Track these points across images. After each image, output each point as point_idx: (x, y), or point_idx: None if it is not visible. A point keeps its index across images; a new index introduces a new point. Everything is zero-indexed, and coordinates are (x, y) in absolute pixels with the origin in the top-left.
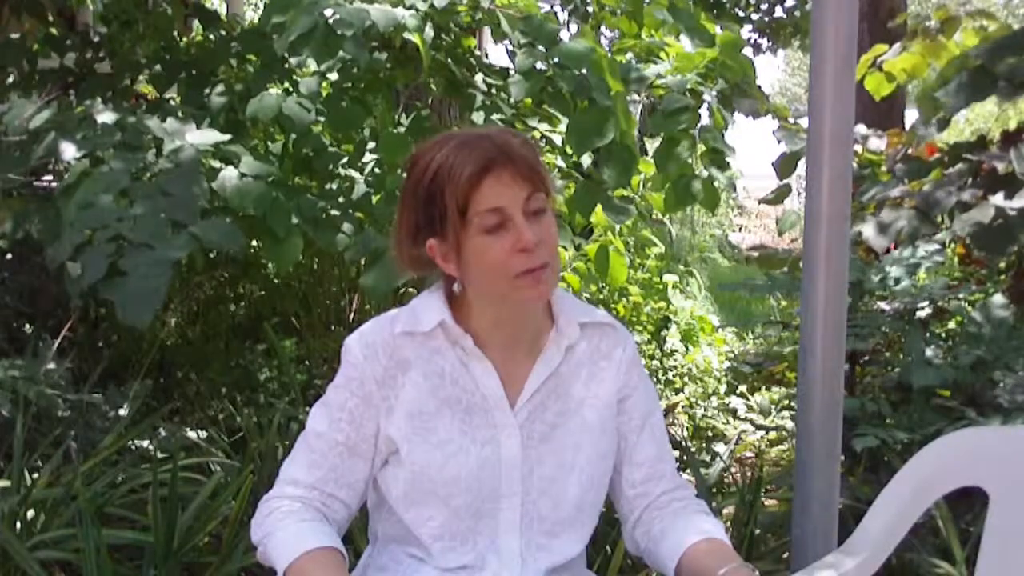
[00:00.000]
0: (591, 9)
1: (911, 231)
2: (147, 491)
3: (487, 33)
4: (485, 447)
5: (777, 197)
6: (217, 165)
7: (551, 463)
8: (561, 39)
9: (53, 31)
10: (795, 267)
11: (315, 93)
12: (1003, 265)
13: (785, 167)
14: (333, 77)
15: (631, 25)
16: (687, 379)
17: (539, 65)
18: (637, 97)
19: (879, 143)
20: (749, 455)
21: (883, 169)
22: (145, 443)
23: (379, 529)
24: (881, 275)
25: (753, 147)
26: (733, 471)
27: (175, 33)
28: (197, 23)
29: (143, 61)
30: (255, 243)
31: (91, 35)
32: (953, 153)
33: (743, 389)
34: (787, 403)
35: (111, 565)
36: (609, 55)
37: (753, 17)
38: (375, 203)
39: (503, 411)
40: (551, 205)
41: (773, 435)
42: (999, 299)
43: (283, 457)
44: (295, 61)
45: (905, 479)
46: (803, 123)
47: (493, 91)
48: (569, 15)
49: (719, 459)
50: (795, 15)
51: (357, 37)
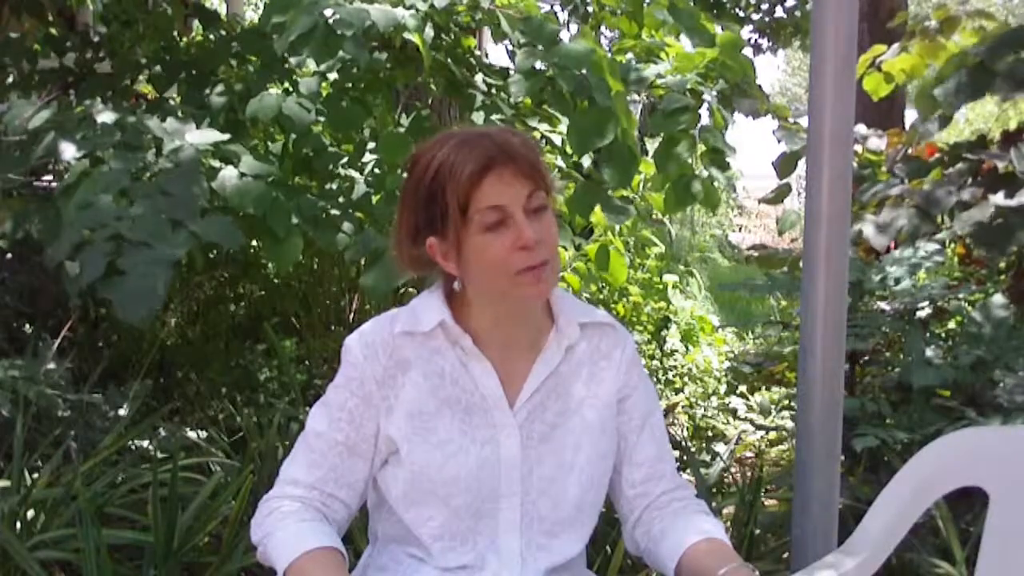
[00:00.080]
0: (591, 9)
1: (911, 230)
2: (147, 491)
3: (487, 33)
4: (485, 447)
5: (777, 197)
6: (217, 165)
7: (551, 463)
8: (561, 39)
9: (53, 31)
10: (795, 267)
11: (315, 93)
12: (1003, 265)
13: (785, 167)
14: (333, 77)
15: (631, 25)
16: (687, 379)
17: (539, 65)
18: (637, 97)
19: (879, 143)
20: (749, 455)
21: (883, 169)
22: (145, 443)
23: (379, 529)
24: (881, 275)
25: (753, 147)
26: (733, 471)
27: (175, 33)
28: (197, 23)
29: (143, 61)
30: (255, 243)
31: (91, 35)
32: (953, 152)
33: (743, 389)
34: (787, 403)
35: (111, 565)
36: (609, 55)
37: (753, 17)
38: (375, 203)
39: (502, 411)
40: (551, 203)
41: (773, 435)
42: (999, 299)
43: (283, 457)
44: (295, 61)
45: (905, 479)
46: (803, 123)
47: (493, 91)
48: (569, 15)
49: (719, 459)
50: (795, 15)
51: (357, 37)
